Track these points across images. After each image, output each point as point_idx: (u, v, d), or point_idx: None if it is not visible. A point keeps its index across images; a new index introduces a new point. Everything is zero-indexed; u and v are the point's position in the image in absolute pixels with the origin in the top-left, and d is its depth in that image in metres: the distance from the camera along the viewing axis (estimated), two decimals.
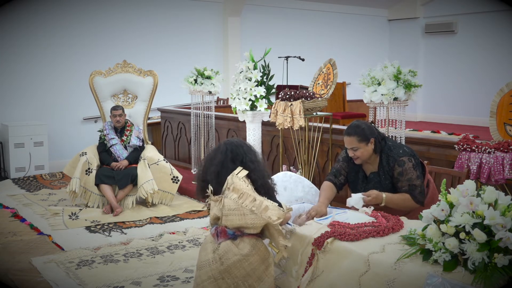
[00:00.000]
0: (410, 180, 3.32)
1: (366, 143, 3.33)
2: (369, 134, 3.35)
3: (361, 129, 3.34)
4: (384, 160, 3.39)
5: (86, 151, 5.93)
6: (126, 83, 6.55)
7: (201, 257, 2.74)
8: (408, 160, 3.33)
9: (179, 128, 7.87)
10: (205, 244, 2.78)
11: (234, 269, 2.61)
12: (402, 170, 3.33)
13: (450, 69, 11.76)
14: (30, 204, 6.05)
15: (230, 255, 2.62)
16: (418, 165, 3.36)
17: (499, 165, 3.86)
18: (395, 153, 3.36)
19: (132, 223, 5.36)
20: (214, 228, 2.72)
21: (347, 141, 3.37)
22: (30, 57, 7.92)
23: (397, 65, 4.34)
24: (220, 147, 2.82)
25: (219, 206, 2.63)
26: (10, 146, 7.43)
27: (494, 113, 4.24)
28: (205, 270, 2.65)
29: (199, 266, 2.71)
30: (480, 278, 2.17)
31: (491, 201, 2.32)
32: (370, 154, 3.38)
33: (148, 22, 9.02)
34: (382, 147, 3.40)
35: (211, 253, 2.67)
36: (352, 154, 3.38)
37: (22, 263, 4.23)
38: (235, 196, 2.59)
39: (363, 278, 2.51)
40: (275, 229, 2.66)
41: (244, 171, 2.72)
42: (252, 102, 5.56)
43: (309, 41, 11.05)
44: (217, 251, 2.65)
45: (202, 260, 2.71)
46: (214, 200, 2.67)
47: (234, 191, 2.61)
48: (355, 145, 3.33)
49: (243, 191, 2.60)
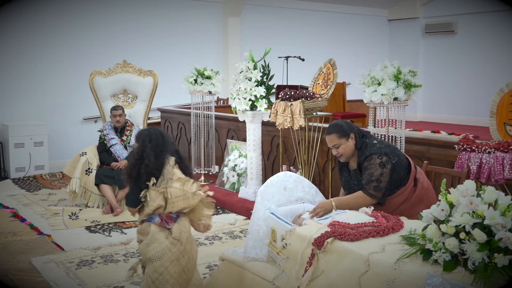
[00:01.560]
0: (370, 175, 3.32)
1: (346, 139, 3.42)
2: (348, 129, 3.44)
3: (339, 125, 3.46)
4: (360, 157, 3.44)
5: (86, 151, 5.93)
6: (126, 83, 6.56)
7: (155, 248, 2.86)
8: (377, 157, 3.34)
9: (179, 128, 7.87)
10: (152, 237, 2.88)
11: (187, 244, 2.94)
12: (366, 165, 3.36)
13: (450, 69, 11.76)
14: (30, 204, 6.05)
15: (183, 234, 2.91)
16: (388, 164, 3.33)
17: (499, 165, 3.86)
18: (369, 149, 3.39)
19: (132, 223, 5.36)
20: (158, 217, 2.89)
21: (328, 140, 3.47)
22: (30, 57, 7.92)
23: (397, 65, 4.33)
24: (145, 142, 2.96)
25: (165, 195, 2.86)
26: (10, 146, 7.43)
27: (494, 113, 4.24)
28: (167, 257, 2.85)
29: (157, 257, 2.85)
30: (480, 278, 2.17)
31: (491, 201, 2.32)
32: (353, 150, 3.45)
33: (148, 22, 9.02)
34: (361, 143, 3.45)
35: (166, 240, 2.87)
36: (335, 152, 3.46)
37: (22, 263, 4.23)
38: (178, 185, 2.89)
39: (363, 278, 2.51)
40: (202, 202, 3.00)
41: (173, 159, 2.96)
42: (252, 102, 5.56)
43: (309, 41, 11.05)
44: (171, 235, 2.88)
45: (158, 251, 2.85)
46: (159, 191, 2.86)
47: (178, 181, 2.90)
48: (336, 142, 3.42)
49: (183, 178, 2.93)
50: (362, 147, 3.45)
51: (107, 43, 8.54)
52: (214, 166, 6.78)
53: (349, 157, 3.49)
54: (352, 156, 3.49)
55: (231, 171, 6.20)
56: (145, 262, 2.92)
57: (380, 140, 3.54)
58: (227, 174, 6.24)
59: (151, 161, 2.88)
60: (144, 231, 2.92)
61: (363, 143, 3.46)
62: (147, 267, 2.89)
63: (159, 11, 9.14)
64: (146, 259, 2.89)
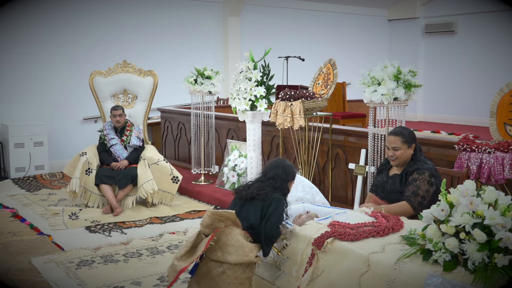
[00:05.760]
0: (417, 188, 3.40)
1: (408, 146, 3.51)
2: (412, 139, 3.54)
3: (408, 131, 3.56)
4: (411, 166, 3.51)
5: (86, 151, 5.93)
6: (126, 83, 6.55)
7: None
8: (428, 176, 3.43)
9: (179, 128, 7.87)
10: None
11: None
12: (417, 177, 3.43)
13: (450, 69, 11.76)
14: (30, 204, 6.05)
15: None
16: (434, 185, 3.44)
17: (499, 165, 3.86)
18: (422, 164, 3.49)
19: (132, 223, 5.36)
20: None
21: (391, 140, 3.53)
22: (30, 57, 7.92)
23: (397, 65, 4.33)
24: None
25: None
26: (10, 146, 7.43)
27: (494, 113, 4.23)
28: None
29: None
30: (480, 278, 2.17)
31: (491, 201, 2.32)
32: (408, 158, 3.53)
33: (148, 22, 9.02)
34: (416, 156, 3.55)
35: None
36: (391, 153, 3.53)
37: (22, 263, 4.23)
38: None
39: (363, 278, 2.51)
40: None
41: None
42: (252, 102, 5.56)
43: (309, 41, 11.04)
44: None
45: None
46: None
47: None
48: (398, 145, 3.50)
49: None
50: (415, 159, 3.54)
51: (107, 43, 8.54)
52: (214, 166, 6.79)
53: (401, 163, 3.56)
54: (404, 164, 3.56)
55: (231, 171, 6.20)
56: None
57: (430, 162, 3.62)
58: (227, 174, 6.24)
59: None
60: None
61: (418, 157, 3.55)
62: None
63: (159, 11, 9.14)
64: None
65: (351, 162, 5.28)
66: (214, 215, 2.84)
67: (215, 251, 2.82)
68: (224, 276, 2.79)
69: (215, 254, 2.82)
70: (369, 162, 4.62)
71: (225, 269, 2.79)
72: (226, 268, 2.79)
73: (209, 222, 2.84)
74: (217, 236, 2.80)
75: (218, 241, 2.81)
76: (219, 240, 2.81)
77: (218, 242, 2.81)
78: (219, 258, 2.81)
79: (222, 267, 2.80)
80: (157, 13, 9.12)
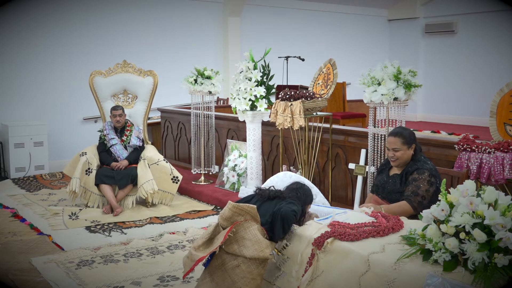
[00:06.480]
0: (417, 187, 3.41)
1: (408, 147, 3.51)
2: (413, 139, 3.54)
3: (408, 132, 3.56)
4: (411, 166, 3.52)
5: (86, 151, 5.93)
6: (126, 83, 6.55)
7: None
8: (428, 176, 3.44)
9: (179, 128, 7.87)
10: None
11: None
12: (417, 177, 3.44)
13: (450, 69, 11.76)
14: (30, 204, 6.05)
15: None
16: (434, 185, 3.44)
17: (499, 165, 3.86)
18: (422, 164, 3.50)
19: (132, 223, 5.36)
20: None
21: (391, 141, 3.54)
22: (30, 57, 7.92)
23: (397, 65, 4.33)
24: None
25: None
26: (10, 146, 7.43)
27: (494, 113, 4.24)
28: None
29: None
30: (480, 278, 2.17)
31: (491, 201, 2.32)
32: (408, 159, 3.54)
33: (148, 22, 9.02)
34: (417, 156, 3.55)
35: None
36: (392, 154, 3.54)
37: (22, 263, 4.23)
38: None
39: (363, 278, 2.51)
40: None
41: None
42: (252, 102, 5.56)
43: (309, 41, 11.04)
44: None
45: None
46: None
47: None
48: (398, 146, 3.51)
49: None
50: (415, 159, 3.55)
51: (107, 43, 8.54)
52: (214, 166, 6.78)
53: (401, 164, 3.57)
54: (404, 164, 3.57)
55: (231, 171, 6.20)
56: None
57: (430, 162, 3.62)
58: (227, 174, 6.24)
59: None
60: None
61: (418, 157, 3.56)
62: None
63: (159, 11, 9.14)
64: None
65: (351, 162, 5.28)
66: (235, 208, 2.86)
67: (232, 244, 2.84)
68: (238, 269, 2.80)
69: (232, 247, 2.84)
70: (369, 162, 4.62)
71: (239, 262, 2.81)
72: (241, 262, 2.81)
73: (229, 215, 2.87)
74: (236, 229, 2.83)
75: (236, 234, 2.83)
76: (236, 233, 2.83)
77: (236, 235, 2.83)
78: (235, 251, 2.82)
79: (237, 261, 2.82)
80: (157, 13, 9.12)
